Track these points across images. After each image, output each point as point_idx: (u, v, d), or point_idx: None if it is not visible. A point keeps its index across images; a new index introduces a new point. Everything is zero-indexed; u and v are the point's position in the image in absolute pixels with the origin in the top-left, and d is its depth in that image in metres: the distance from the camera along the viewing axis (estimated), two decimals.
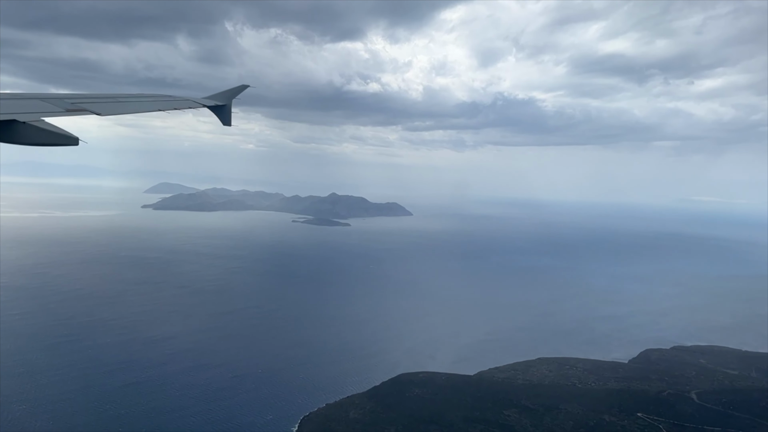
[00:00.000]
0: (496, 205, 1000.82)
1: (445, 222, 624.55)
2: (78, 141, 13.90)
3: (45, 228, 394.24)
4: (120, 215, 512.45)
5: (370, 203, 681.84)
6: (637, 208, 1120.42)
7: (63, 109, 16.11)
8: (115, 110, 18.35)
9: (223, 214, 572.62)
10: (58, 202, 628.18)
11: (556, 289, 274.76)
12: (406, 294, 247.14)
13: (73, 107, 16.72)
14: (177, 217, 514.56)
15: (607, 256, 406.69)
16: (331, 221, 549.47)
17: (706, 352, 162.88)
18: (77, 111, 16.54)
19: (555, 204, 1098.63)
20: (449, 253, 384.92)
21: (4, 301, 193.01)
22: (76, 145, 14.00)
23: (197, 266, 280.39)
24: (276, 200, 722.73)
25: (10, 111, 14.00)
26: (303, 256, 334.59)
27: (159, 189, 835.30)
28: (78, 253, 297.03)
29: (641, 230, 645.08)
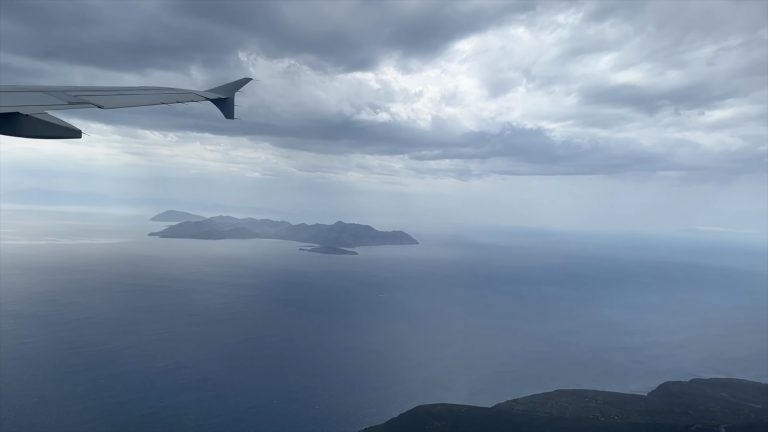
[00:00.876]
0: (502, 234, 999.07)
1: (452, 251, 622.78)
2: (81, 134, 13.76)
3: (53, 255, 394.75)
4: (127, 243, 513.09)
5: (376, 231, 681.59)
6: (642, 238, 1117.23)
7: (66, 102, 16.08)
8: (118, 103, 18.23)
9: (230, 242, 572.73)
10: (65, 229, 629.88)
11: (567, 320, 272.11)
12: (418, 323, 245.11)
13: (75, 100, 16.64)
14: (184, 245, 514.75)
15: (617, 286, 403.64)
16: (338, 249, 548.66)
17: (727, 385, 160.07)
18: (80, 104, 16.44)
19: (561, 233, 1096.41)
20: (458, 282, 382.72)
21: (16, 328, 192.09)
22: (79, 138, 13.88)
23: (207, 295, 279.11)
24: (282, 228, 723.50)
25: (13, 104, 13.89)
26: (312, 284, 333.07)
27: (165, 217, 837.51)
28: (87, 281, 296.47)
29: (649, 260, 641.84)
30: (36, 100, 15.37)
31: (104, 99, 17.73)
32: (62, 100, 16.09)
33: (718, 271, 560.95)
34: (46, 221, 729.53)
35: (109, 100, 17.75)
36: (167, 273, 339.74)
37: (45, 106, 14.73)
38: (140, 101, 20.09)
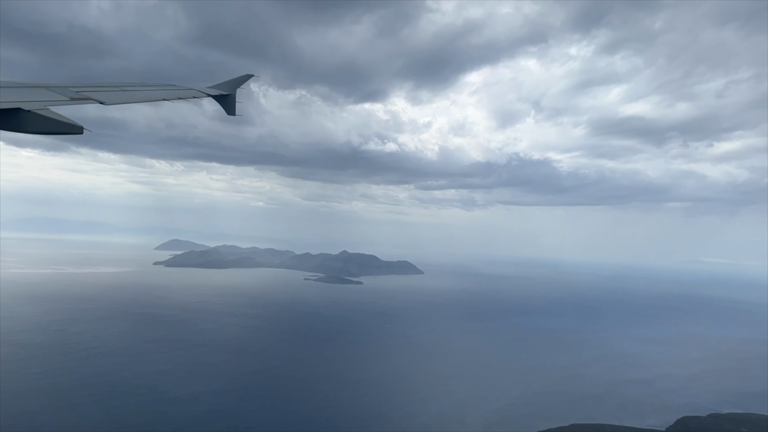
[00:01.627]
0: (507, 264, 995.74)
1: (458, 281, 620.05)
2: (82, 129, 13.63)
3: (59, 284, 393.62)
4: (133, 272, 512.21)
5: (381, 261, 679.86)
6: (647, 269, 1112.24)
7: (67, 98, 15.98)
8: (120, 99, 18.13)
9: (234, 272, 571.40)
10: (69, 258, 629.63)
11: (578, 352, 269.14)
12: (426, 355, 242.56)
13: (77, 96, 16.59)
14: (189, 275, 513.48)
15: (626, 318, 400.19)
16: (343, 279, 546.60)
17: (746, 421, 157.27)
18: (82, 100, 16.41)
19: (566, 264, 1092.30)
20: (465, 313, 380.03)
21: (24, 358, 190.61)
22: (81, 133, 13.68)
23: (214, 325, 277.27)
24: (287, 258, 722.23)
25: (15, 99, 13.86)
26: (319, 314, 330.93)
27: (170, 246, 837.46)
28: (94, 310, 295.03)
29: (656, 292, 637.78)
30: (38, 95, 15.33)
31: (106, 95, 17.76)
32: (64, 96, 16.09)
33: (726, 303, 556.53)
34: (51, 250, 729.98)
35: (110, 97, 17.77)
36: (173, 302, 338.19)
37: (47, 101, 14.74)
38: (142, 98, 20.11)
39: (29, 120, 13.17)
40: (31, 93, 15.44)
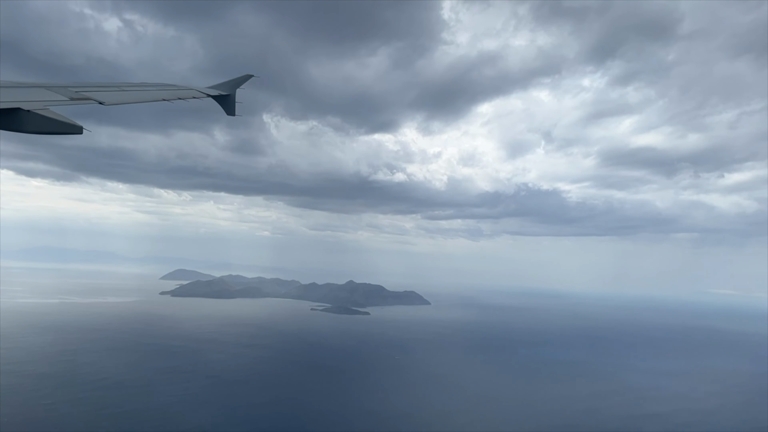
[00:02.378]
0: (515, 295, 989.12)
1: (465, 312, 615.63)
2: (82, 129, 13.56)
3: (66, 314, 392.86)
4: (139, 302, 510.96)
5: (387, 291, 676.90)
6: (655, 301, 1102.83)
7: (67, 98, 15.92)
8: (119, 99, 18.08)
9: (241, 302, 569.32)
10: (76, 287, 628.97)
11: (591, 385, 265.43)
12: (437, 387, 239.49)
13: (77, 96, 16.50)
14: (196, 305, 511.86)
15: (637, 350, 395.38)
16: (350, 309, 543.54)
17: None
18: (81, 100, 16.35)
19: (573, 295, 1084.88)
20: (474, 344, 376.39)
21: (34, 389, 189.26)
22: (80, 134, 13.59)
23: (223, 355, 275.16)
24: (293, 288, 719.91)
25: (14, 99, 13.80)
26: (328, 345, 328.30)
27: (176, 275, 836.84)
28: (102, 341, 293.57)
29: (665, 323, 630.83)
30: (37, 95, 15.26)
31: (105, 95, 17.66)
32: (64, 96, 16.03)
33: (736, 336, 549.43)
34: (58, 279, 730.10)
35: (110, 97, 17.71)
36: (182, 332, 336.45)
37: (47, 101, 14.71)
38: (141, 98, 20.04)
39: (29, 120, 13.15)
40: (30, 93, 15.41)
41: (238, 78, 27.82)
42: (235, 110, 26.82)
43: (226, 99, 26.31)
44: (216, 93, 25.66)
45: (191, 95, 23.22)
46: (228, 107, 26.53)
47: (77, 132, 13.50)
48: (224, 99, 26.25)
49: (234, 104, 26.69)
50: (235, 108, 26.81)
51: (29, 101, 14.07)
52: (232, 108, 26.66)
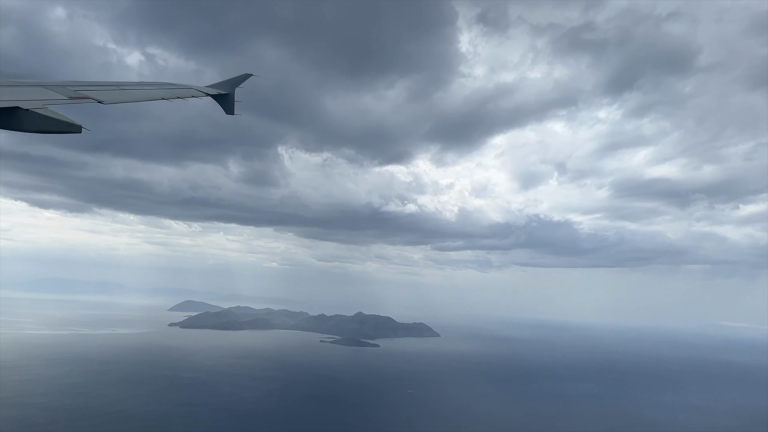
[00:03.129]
0: (525, 327, 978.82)
1: (475, 344, 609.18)
2: (81, 129, 13.47)
3: (76, 346, 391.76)
4: (148, 333, 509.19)
5: (397, 323, 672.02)
6: (666, 333, 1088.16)
7: (66, 97, 15.82)
8: (118, 98, 17.93)
9: (250, 333, 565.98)
10: (85, 319, 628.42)
11: (609, 420, 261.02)
12: (452, 421, 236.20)
13: (76, 95, 16.37)
14: (205, 336, 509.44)
15: (652, 384, 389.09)
16: (359, 341, 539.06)
17: None
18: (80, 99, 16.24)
19: (584, 327, 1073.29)
20: (487, 377, 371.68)
21: (49, 422, 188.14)
22: (79, 132, 13.50)
23: (235, 388, 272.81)
24: (301, 319, 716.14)
25: (13, 98, 13.69)
26: (339, 378, 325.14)
27: (184, 307, 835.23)
28: (113, 372, 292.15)
29: (678, 356, 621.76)
30: (36, 94, 15.15)
31: (104, 94, 17.54)
32: (63, 95, 15.91)
33: (750, 369, 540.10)
34: (67, 311, 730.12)
35: (109, 95, 17.60)
36: (192, 365, 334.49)
37: (45, 100, 14.63)
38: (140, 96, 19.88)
39: (28, 119, 13.08)
40: (29, 92, 15.33)
41: (237, 77, 27.61)
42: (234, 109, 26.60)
43: (225, 98, 26.06)
44: (215, 92, 25.46)
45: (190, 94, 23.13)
46: (227, 106, 26.32)
47: (76, 131, 13.45)
48: (223, 98, 26.00)
49: (233, 103, 26.47)
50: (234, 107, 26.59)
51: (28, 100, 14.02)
52: (231, 107, 26.44)
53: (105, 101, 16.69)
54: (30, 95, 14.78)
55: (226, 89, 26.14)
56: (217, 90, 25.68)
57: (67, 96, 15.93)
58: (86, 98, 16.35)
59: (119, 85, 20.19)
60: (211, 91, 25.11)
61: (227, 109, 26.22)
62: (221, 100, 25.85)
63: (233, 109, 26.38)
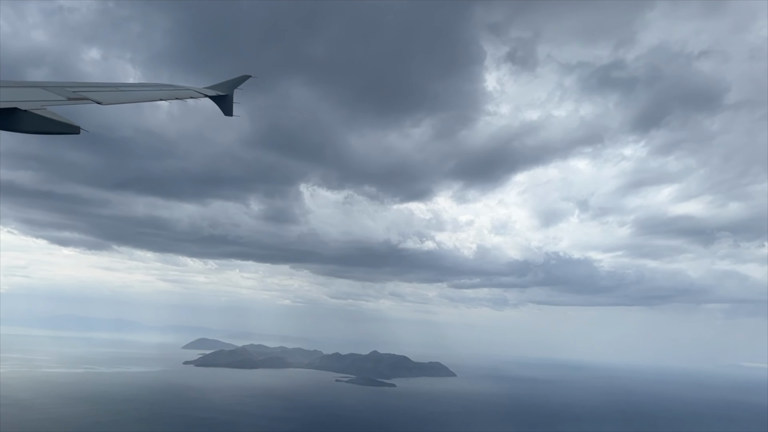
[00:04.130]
0: (541, 367, 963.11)
1: (492, 384, 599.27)
2: (79, 130, 13.34)
3: (93, 384, 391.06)
4: (164, 371, 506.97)
5: (412, 362, 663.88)
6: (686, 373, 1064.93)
7: (64, 98, 15.76)
8: (117, 99, 17.86)
9: (265, 372, 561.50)
10: (100, 357, 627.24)
11: None
12: None
13: (74, 96, 16.29)
14: (221, 375, 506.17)
15: (673, 425, 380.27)
16: (375, 381, 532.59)
17: None
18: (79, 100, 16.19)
19: (602, 367, 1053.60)
20: (507, 419, 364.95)
21: None
22: (77, 134, 13.37)
23: (255, 428, 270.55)
24: (316, 358, 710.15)
25: (12, 99, 13.64)
26: (357, 419, 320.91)
27: (198, 345, 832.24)
28: (133, 411, 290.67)
29: (700, 398, 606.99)
30: (35, 95, 15.10)
31: (103, 95, 17.48)
32: (61, 96, 15.86)
33: None
34: (82, 348, 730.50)
35: (107, 96, 17.56)
36: (210, 404, 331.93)
37: (44, 101, 14.61)
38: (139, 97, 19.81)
39: (26, 120, 13.04)
40: (28, 93, 15.26)
41: (235, 78, 27.37)
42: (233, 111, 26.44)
43: (223, 99, 25.90)
44: (213, 93, 25.29)
45: (188, 95, 23.10)
46: (226, 108, 26.16)
47: (74, 132, 13.32)
48: (222, 99, 25.85)
49: (232, 105, 26.28)
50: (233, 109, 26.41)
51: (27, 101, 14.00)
52: (229, 109, 26.26)
53: (103, 102, 16.70)
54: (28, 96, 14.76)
55: (225, 91, 26.10)
56: (216, 91, 25.64)
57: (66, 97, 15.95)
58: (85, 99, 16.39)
59: (118, 87, 20.09)
60: (209, 92, 25.13)
61: (226, 111, 26.21)
62: (220, 101, 25.79)
63: (232, 110, 26.34)
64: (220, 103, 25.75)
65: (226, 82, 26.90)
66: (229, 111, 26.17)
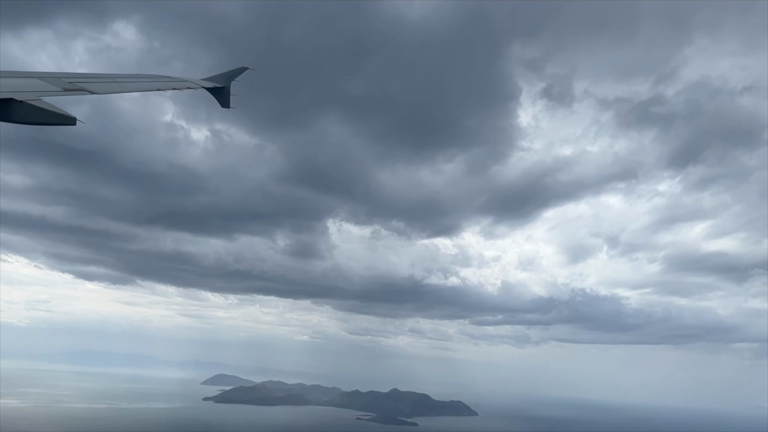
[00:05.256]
0: (564, 407, 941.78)
1: (516, 424, 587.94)
2: (75, 121, 13.19)
3: (116, 420, 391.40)
4: (185, 408, 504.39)
5: (434, 401, 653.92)
6: (712, 415, 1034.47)
7: (60, 89, 15.71)
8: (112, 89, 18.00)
9: (285, 410, 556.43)
10: (120, 392, 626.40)
11: None
12: None
13: (71, 86, 16.26)
14: (242, 412, 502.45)
15: None
16: (396, 420, 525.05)
17: None
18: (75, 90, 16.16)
19: (625, 407, 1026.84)
20: None
21: None
22: (73, 125, 13.22)
23: None
24: (335, 395, 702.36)
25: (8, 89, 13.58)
26: None
27: (216, 381, 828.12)
28: None
29: None
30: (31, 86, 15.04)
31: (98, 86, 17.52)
32: (57, 87, 15.80)
33: None
34: (102, 383, 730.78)
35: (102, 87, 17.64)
36: None
37: (40, 92, 14.52)
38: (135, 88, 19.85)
39: (22, 110, 12.99)
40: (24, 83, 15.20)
41: (232, 70, 27.23)
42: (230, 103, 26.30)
43: (220, 91, 25.80)
44: (210, 85, 25.21)
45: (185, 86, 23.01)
46: (223, 100, 26.07)
47: (70, 123, 13.18)
48: (219, 91, 25.75)
49: (229, 97, 26.18)
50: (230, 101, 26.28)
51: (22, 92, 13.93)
52: (226, 100, 26.16)
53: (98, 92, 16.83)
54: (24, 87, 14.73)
55: (222, 82, 26.03)
56: (213, 83, 25.55)
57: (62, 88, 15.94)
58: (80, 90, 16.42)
59: (114, 78, 20.09)
60: (206, 84, 25.07)
61: (223, 103, 26.08)
62: (217, 93, 25.74)
63: (229, 102, 26.25)
64: (217, 95, 25.77)
65: (223, 74, 26.92)
66: (226, 103, 26.21)
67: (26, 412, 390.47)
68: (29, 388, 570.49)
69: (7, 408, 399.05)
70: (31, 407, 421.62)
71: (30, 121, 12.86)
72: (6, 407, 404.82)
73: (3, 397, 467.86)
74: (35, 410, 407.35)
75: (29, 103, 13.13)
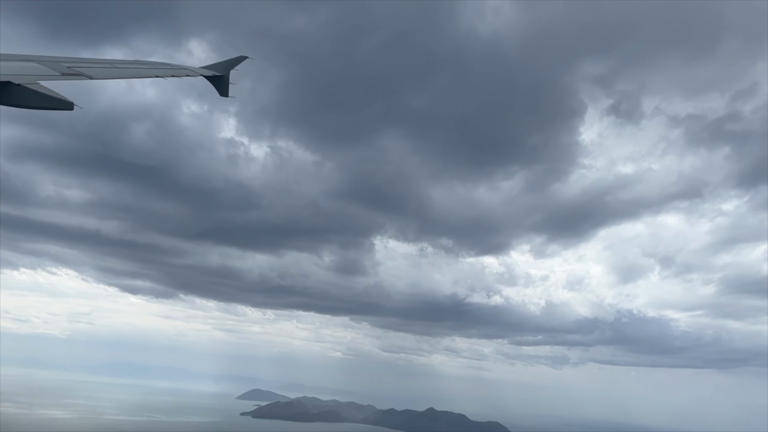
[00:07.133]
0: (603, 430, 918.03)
1: None
2: (72, 106, 13.06)
3: None
4: (224, 422, 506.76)
5: (470, 421, 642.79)
6: None
7: (59, 73, 15.52)
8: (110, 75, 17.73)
9: (322, 426, 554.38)
10: (159, 405, 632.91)
11: None
12: None
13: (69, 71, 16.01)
14: (279, 428, 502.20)
15: None
16: None
17: None
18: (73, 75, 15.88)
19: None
20: None
21: None
22: (71, 110, 13.11)
23: None
24: (370, 413, 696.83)
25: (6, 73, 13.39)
26: None
27: (252, 396, 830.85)
28: None
29: None
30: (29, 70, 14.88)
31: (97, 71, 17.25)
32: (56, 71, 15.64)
33: None
34: (141, 396, 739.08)
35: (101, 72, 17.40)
36: None
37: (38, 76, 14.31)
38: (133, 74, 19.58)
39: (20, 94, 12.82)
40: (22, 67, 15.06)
41: (232, 59, 26.91)
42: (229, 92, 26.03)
43: (219, 80, 25.48)
44: (209, 73, 24.95)
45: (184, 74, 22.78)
46: (221, 88, 25.75)
47: (68, 108, 13.12)
48: (218, 80, 25.43)
49: (227, 86, 25.87)
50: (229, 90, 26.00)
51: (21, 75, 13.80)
52: (225, 89, 25.85)
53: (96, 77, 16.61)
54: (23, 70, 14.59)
55: (221, 71, 25.73)
56: (212, 71, 25.32)
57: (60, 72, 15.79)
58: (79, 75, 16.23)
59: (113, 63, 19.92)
60: (205, 72, 24.89)
61: (221, 91, 25.83)
62: (216, 81, 25.47)
63: (228, 91, 25.96)
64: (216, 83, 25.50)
65: (222, 62, 26.73)
66: (225, 92, 25.89)
67: (72, 424, 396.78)
68: (71, 399, 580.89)
69: (54, 419, 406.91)
70: (76, 418, 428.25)
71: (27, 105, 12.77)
72: (53, 418, 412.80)
73: (48, 408, 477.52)
74: (80, 422, 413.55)
75: (27, 86, 12.98)
